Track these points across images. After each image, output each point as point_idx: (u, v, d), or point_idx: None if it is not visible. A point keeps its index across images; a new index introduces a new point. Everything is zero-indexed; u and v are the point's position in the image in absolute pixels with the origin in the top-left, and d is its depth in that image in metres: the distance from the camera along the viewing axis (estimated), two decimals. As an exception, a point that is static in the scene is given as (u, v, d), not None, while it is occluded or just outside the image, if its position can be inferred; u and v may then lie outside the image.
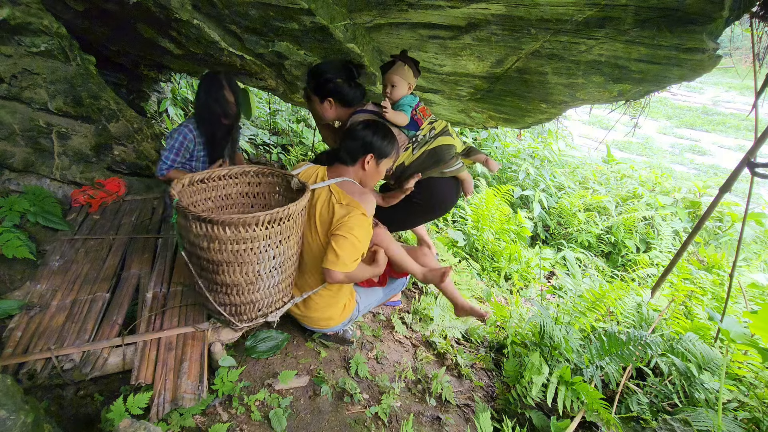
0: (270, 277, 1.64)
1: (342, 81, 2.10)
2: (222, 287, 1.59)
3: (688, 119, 13.34)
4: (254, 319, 1.72)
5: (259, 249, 1.53)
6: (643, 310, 2.69)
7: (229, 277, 1.55)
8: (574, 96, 2.49)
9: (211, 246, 1.47)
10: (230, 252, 1.48)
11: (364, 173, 1.85)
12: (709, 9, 1.52)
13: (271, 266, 1.61)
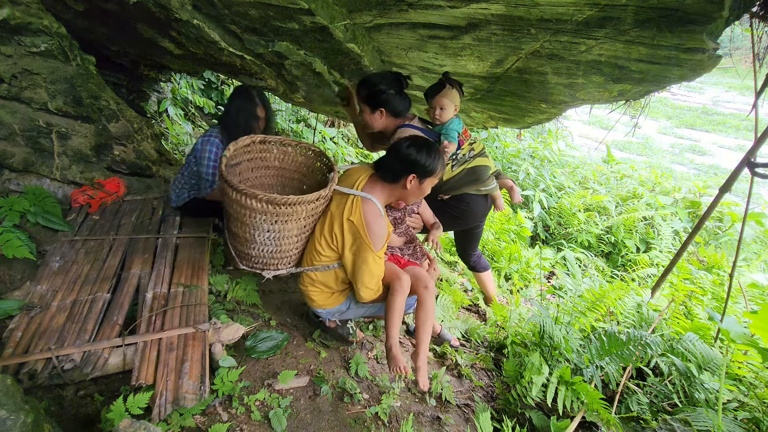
0: (263, 244, 1.84)
1: (394, 93, 2.17)
2: (231, 233, 1.92)
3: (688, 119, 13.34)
4: (251, 268, 1.95)
5: (255, 219, 1.75)
6: (643, 310, 2.69)
7: (234, 228, 1.85)
8: (574, 96, 2.49)
9: (226, 201, 1.79)
10: (236, 210, 1.76)
11: (405, 192, 1.83)
12: (709, 9, 1.52)
13: (264, 237, 1.81)
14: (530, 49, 2.04)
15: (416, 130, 2.21)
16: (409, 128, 2.21)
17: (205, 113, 5.15)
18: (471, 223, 2.54)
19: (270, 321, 2.20)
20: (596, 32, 1.78)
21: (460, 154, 2.33)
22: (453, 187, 2.36)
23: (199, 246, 2.30)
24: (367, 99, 2.17)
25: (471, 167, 2.35)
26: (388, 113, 2.20)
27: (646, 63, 1.93)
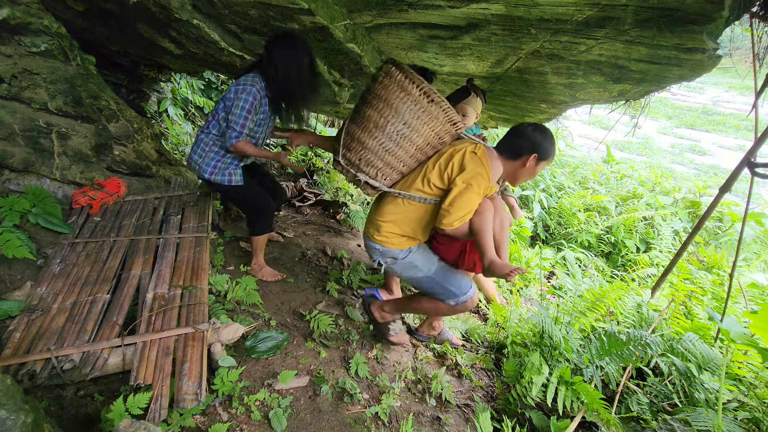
0: (387, 138, 1.85)
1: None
2: (355, 121, 1.91)
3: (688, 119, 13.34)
4: (347, 165, 1.94)
5: (401, 105, 1.80)
6: (643, 310, 2.69)
7: (365, 113, 1.88)
8: (574, 96, 2.49)
9: (378, 84, 1.84)
10: (382, 92, 1.82)
11: (522, 170, 1.91)
12: (709, 9, 1.52)
13: (394, 129, 1.84)
14: (530, 49, 2.04)
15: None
16: None
17: (205, 113, 5.15)
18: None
19: (270, 321, 2.20)
20: (596, 32, 1.78)
21: None
22: None
23: (199, 246, 2.30)
24: None
25: None
26: None
27: (646, 63, 1.93)
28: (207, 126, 2.32)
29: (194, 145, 2.36)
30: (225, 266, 2.55)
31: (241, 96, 2.13)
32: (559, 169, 6.51)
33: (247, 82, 2.15)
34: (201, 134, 2.34)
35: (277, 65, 2.12)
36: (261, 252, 2.57)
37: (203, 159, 2.31)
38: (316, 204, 4.00)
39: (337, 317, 2.40)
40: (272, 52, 2.12)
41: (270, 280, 2.56)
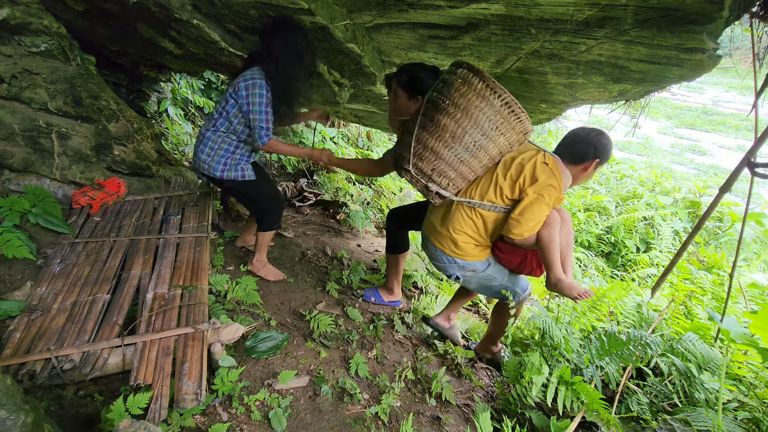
0: (463, 149, 1.82)
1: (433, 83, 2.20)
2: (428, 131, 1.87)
3: (688, 119, 13.34)
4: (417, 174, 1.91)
5: (480, 116, 1.76)
6: (643, 310, 2.69)
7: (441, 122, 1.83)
8: (574, 96, 2.49)
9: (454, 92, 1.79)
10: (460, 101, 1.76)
11: (582, 174, 1.94)
12: (709, 9, 1.52)
13: (471, 141, 1.80)
14: (530, 49, 2.04)
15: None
16: None
17: (205, 113, 5.15)
18: None
19: (270, 321, 2.20)
20: (596, 32, 1.78)
21: None
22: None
23: (199, 246, 2.30)
24: (407, 85, 2.20)
25: None
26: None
27: (646, 63, 1.93)
28: (213, 124, 2.24)
29: (200, 144, 2.28)
30: (225, 266, 2.55)
31: (255, 92, 2.06)
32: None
33: (255, 77, 2.08)
34: (207, 132, 2.26)
35: (276, 58, 2.04)
36: (265, 249, 2.55)
37: (212, 158, 2.25)
38: (316, 204, 4.00)
39: (337, 317, 2.40)
40: (269, 42, 2.03)
41: (272, 279, 2.55)
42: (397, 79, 2.22)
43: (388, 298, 2.69)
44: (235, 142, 2.26)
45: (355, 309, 2.50)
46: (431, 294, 2.92)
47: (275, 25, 2.01)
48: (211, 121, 2.25)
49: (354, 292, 2.72)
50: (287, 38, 2.01)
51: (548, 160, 1.83)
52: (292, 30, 2.01)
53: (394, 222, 2.61)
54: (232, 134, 2.23)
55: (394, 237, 2.60)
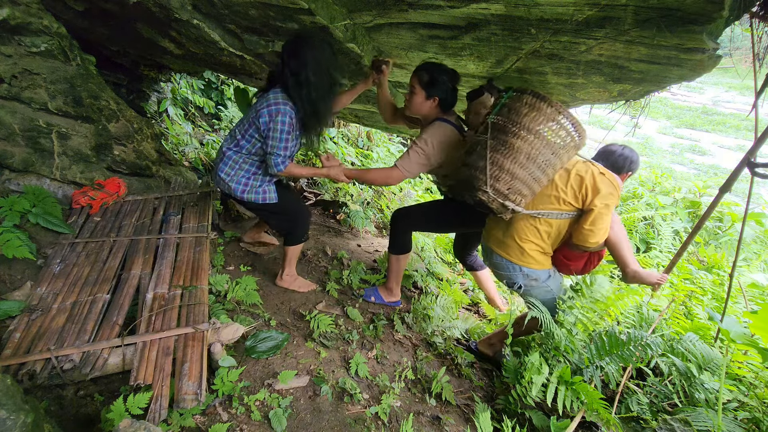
0: (536, 168, 1.94)
1: (452, 87, 2.25)
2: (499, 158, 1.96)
3: (688, 119, 13.34)
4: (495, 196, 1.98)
5: (552, 138, 1.91)
6: (643, 310, 2.69)
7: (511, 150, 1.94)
8: (574, 96, 2.49)
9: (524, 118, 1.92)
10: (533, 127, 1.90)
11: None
12: (709, 9, 1.52)
13: (543, 161, 1.92)
14: (530, 49, 2.04)
15: (453, 126, 2.30)
16: (446, 123, 2.29)
17: (205, 113, 5.15)
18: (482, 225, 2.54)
19: (270, 321, 2.20)
20: (596, 32, 1.78)
21: None
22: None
23: (199, 246, 2.30)
24: (427, 84, 2.21)
25: None
26: (440, 104, 2.28)
27: (646, 63, 1.93)
28: (236, 143, 2.17)
29: (219, 161, 2.22)
30: (225, 266, 2.55)
31: (277, 119, 2.01)
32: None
33: (278, 101, 2.02)
34: (228, 151, 2.19)
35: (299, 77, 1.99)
36: (294, 262, 2.51)
37: (232, 177, 2.19)
38: (316, 204, 4.00)
39: (337, 317, 2.40)
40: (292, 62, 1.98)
41: (305, 291, 2.53)
42: (417, 76, 2.24)
43: (387, 298, 2.69)
44: (257, 163, 2.20)
45: (355, 309, 2.50)
46: (431, 294, 2.92)
47: (296, 44, 1.98)
48: (233, 140, 2.19)
49: (354, 291, 2.72)
50: (309, 56, 1.97)
51: (603, 171, 2.00)
52: (312, 47, 1.98)
53: (399, 223, 2.59)
54: (255, 156, 2.18)
55: (398, 238, 2.59)
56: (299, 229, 2.38)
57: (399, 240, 2.59)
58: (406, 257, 2.62)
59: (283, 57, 2.02)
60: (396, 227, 2.59)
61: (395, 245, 2.60)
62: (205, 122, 5.05)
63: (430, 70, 2.22)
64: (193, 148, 4.20)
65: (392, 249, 2.61)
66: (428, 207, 2.71)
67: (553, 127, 1.91)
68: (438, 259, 3.68)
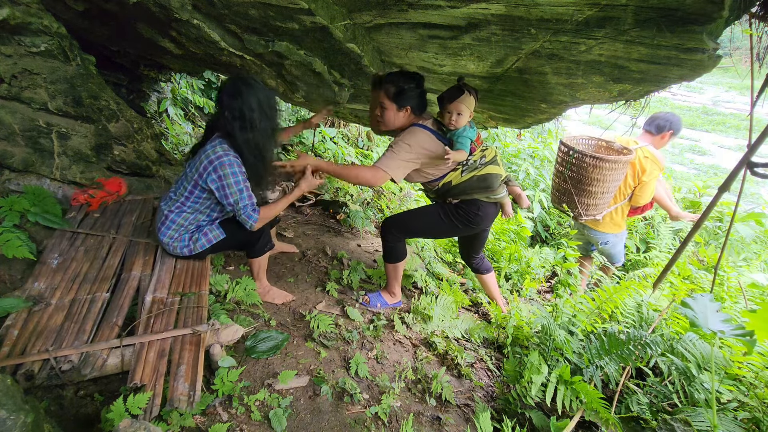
0: (607, 191, 3.03)
1: (420, 91, 2.22)
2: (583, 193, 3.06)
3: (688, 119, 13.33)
4: (587, 216, 3.16)
5: (614, 173, 2.93)
6: (643, 310, 2.69)
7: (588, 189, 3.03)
8: (574, 96, 2.49)
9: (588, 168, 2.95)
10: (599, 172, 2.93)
11: (662, 141, 3.16)
12: (709, 9, 1.52)
13: (611, 186, 3.02)
14: (530, 49, 2.04)
15: (428, 130, 2.24)
16: (420, 128, 2.24)
17: (205, 113, 5.15)
18: (480, 227, 2.53)
19: (270, 321, 2.20)
20: (596, 32, 1.78)
21: (471, 161, 2.33)
22: (463, 192, 2.37)
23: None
24: (396, 96, 2.17)
25: (481, 174, 2.35)
26: (412, 111, 2.24)
27: (646, 63, 1.93)
28: (177, 205, 2.02)
29: (161, 225, 2.06)
30: (225, 266, 2.55)
31: (226, 171, 1.87)
32: (559, 169, 6.49)
33: (218, 154, 1.88)
34: (171, 214, 2.04)
35: (245, 126, 1.87)
36: (264, 273, 2.37)
37: (175, 239, 2.06)
38: (316, 204, 4.00)
39: (337, 317, 2.40)
40: (233, 108, 1.86)
41: (279, 302, 2.39)
42: (384, 92, 2.19)
43: (391, 300, 2.69)
44: (204, 220, 2.10)
45: (355, 309, 2.50)
46: (431, 294, 2.92)
47: (236, 86, 1.88)
48: (174, 202, 2.03)
49: (358, 299, 2.69)
50: (253, 98, 1.86)
51: (646, 153, 3.04)
52: (254, 89, 1.88)
53: (388, 234, 2.52)
54: (201, 214, 2.07)
55: (391, 248, 2.54)
56: (258, 241, 2.20)
57: (392, 250, 2.54)
58: (402, 264, 2.60)
59: (222, 100, 1.88)
60: (386, 238, 2.53)
61: (389, 255, 2.56)
62: (205, 122, 5.05)
63: (395, 81, 2.16)
64: (193, 148, 4.19)
65: (387, 258, 2.58)
66: (417, 214, 2.60)
67: (616, 166, 2.85)
68: (438, 259, 3.68)
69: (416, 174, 2.34)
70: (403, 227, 2.54)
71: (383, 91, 2.20)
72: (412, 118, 2.28)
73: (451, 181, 2.35)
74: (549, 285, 4.16)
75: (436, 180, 2.37)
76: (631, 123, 3.25)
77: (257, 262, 2.29)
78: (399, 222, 2.56)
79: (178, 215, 2.04)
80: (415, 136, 2.22)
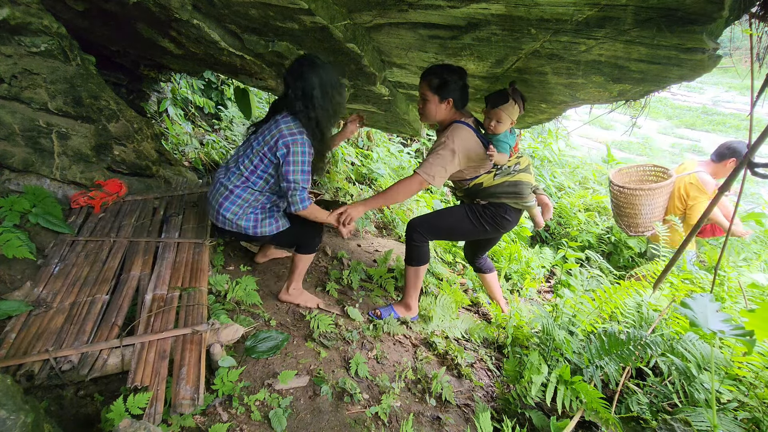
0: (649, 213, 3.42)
1: (463, 85, 2.19)
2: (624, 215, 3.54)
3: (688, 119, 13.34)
4: (637, 233, 3.56)
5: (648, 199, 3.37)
6: (643, 310, 2.69)
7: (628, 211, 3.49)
8: (574, 96, 2.49)
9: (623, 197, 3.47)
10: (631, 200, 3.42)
11: (724, 168, 3.32)
12: (709, 9, 1.52)
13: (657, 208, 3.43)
14: (530, 49, 2.04)
15: (471, 129, 2.23)
16: (465, 126, 2.22)
17: (205, 113, 5.15)
18: (504, 231, 2.50)
19: (270, 321, 2.20)
20: (596, 32, 1.78)
21: (505, 166, 2.33)
22: (492, 194, 2.35)
23: (199, 247, 2.30)
24: (438, 88, 2.15)
25: (513, 180, 2.34)
26: (454, 105, 2.22)
27: (646, 63, 1.93)
28: (243, 180, 2.00)
29: (224, 200, 2.01)
30: (225, 266, 2.55)
31: (297, 149, 1.87)
32: (559, 169, 6.51)
33: (293, 131, 1.89)
34: (236, 189, 2.00)
35: (312, 97, 1.89)
36: (303, 275, 2.33)
37: (240, 216, 2.02)
38: (316, 204, 3.99)
39: (337, 317, 2.40)
40: (301, 84, 1.88)
41: (312, 306, 2.37)
42: (427, 82, 2.18)
43: (404, 314, 2.59)
44: (272, 198, 2.08)
45: (355, 309, 2.50)
46: (431, 294, 2.92)
47: (301, 66, 1.90)
48: (239, 176, 2.00)
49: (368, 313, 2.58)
50: (315, 78, 1.89)
51: (692, 179, 3.36)
52: (317, 69, 1.90)
53: (414, 234, 2.44)
54: (269, 192, 2.04)
55: (415, 250, 2.44)
56: (313, 237, 2.22)
57: (416, 252, 2.45)
58: (424, 268, 2.51)
59: (287, 80, 1.92)
60: (413, 238, 2.44)
61: (413, 257, 2.46)
62: (205, 122, 5.05)
63: (438, 73, 2.15)
64: (193, 148, 4.20)
65: (410, 261, 2.48)
66: (444, 215, 2.55)
67: (660, 193, 3.34)
68: (438, 259, 3.68)
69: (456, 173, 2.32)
70: (430, 228, 2.46)
71: (426, 81, 2.18)
72: (453, 112, 2.26)
73: (482, 182, 2.33)
74: (549, 285, 4.15)
75: (469, 180, 2.35)
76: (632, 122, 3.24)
77: (306, 260, 2.26)
78: (426, 222, 2.47)
79: (244, 190, 2.00)
80: (460, 135, 2.18)
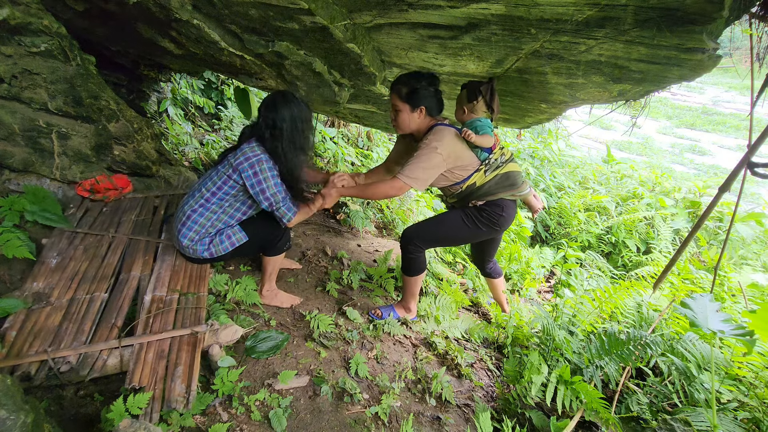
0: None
1: (434, 90, 2.19)
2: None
3: (688, 119, 13.34)
4: None
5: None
6: (643, 310, 2.69)
7: None
8: (574, 96, 2.49)
9: None
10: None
11: None
12: (709, 9, 1.52)
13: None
14: (530, 49, 2.04)
15: (451, 127, 2.22)
16: (444, 126, 2.21)
17: (205, 113, 5.15)
18: (503, 229, 2.45)
19: (270, 321, 2.20)
20: (596, 32, 1.78)
21: (492, 159, 2.29)
22: (488, 192, 2.30)
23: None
24: (409, 96, 2.14)
25: (504, 172, 2.31)
26: (428, 112, 2.21)
27: (646, 63, 1.93)
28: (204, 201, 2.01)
29: (182, 226, 2.03)
30: (225, 266, 2.55)
31: (263, 167, 1.95)
32: (559, 169, 6.51)
33: (256, 152, 1.96)
34: (193, 214, 2.02)
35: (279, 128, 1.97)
36: (274, 276, 2.33)
37: (196, 242, 2.04)
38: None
39: (337, 317, 2.40)
40: (268, 117, 1.98)
41: (287, 306, 2.35)
42: (396, 92, 2.17)
43: (404, 315, 2.60)
44: (226, 221, 2.09)
45: (354, 309, 2.50)
46: (431, 294, 2.92)
47: (275, 99, 2.00)
48: (197, 198, 2.02)
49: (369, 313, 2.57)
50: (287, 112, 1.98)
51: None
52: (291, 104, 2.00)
53: (410, 245, 2.40)
54: (224, 214, 2.06)
55: (411, 260, 2.41)
56: (277, 240, 2.19)
57: (413, 263, 2.42)
58: (422, 276, 2.49)
59: (261, 110, 2.02)
60: (408, 249, 2.40)
61: (410, 268, 2.43)
62: (205, 122, 5.05)
63: (405, 82, 2.14)
64: (193, 148, 4.20)
65: (407, 272, 2.44)
66: (438, 222, 2.48)
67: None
68: (438, 259, 3.68)
69: (441, 178, 2.26)
70: (426, 236, 2.41)
71: (395, 92, 2.17)
72: (428, 120, 2.23)
73: (475, 182, 2.28)
74: (549, 285, 4.15)
75: (461, 183, 2.29)
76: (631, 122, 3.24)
77: (273, 261, 2.26)
78: (420, 231, 2.42)
79: (201, 215, 2.02)
80: (441, 135, 2.15)
